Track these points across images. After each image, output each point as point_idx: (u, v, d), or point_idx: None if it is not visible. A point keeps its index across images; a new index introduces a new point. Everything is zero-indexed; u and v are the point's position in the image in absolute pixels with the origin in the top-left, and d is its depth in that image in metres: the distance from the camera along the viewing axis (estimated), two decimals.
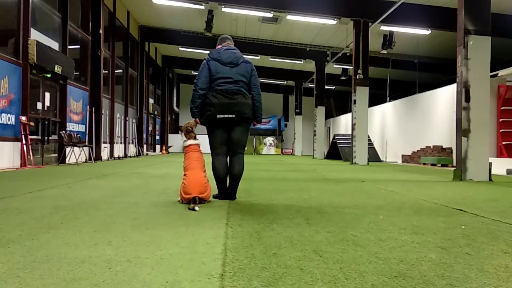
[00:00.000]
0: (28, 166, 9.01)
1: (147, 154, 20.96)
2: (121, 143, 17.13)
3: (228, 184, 4.07)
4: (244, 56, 4.14)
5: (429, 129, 15.97)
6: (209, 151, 4.04)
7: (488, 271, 1.83)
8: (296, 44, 19.54)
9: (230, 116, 3.86)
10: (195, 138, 4.09)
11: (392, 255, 2.08)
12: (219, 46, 4.16)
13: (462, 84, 7.28)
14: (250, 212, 3.36)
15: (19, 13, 9.14)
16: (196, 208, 3.39)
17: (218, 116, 3.86)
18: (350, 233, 2.58)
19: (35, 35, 9.69)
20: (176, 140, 28.13)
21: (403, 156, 17.74)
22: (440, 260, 2.00)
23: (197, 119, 4.04)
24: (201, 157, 3.98)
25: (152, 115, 23.38)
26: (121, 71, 17.41)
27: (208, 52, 4.00)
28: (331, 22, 14.30)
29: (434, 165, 14.10)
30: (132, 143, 18.98)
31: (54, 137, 11.08)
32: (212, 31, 15.85)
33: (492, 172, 7.51)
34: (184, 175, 3.81)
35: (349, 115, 23.48)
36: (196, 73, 4.04)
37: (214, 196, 4.09)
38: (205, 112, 3.91)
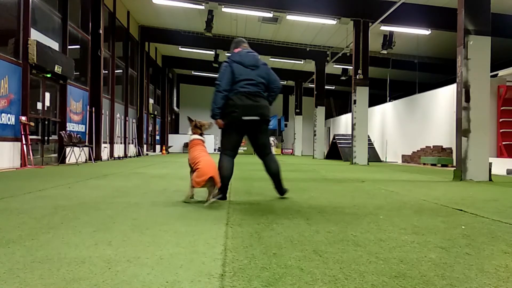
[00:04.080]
0: (28, 166, 9.01)
1: (147, 154, 20.96)
2: (121, 143, 17.13)
3: (273, 184, 4.20)
4: None
5: (429, 129, 15.97)
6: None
7: (488, 271, 1.83)
8: (296, 44, 19.54)
9: (255, 118, 3.93)
10: (200, 135, 4.06)
11: (392, 255, 2.08)
12: (238, 49, 4.21)
13: (462, 84, 7.27)
14: (250, 212, 3.36)
15: (19, 13, 9.14)
16: (213, 199, 3.51)
17: (243, 117, 3.90)
18: (350, 233, 2.58)
19: (35, 35, 9.69)
20: (176, 140, 28.12)
21: (403, 156, 17.74)
22: (440, 260, 2.00)
23: (219, 121, 3.98)
24: (205, 150, 3.94)
25: (152, 115, 23.37)
26: (121, 71, 17.41)
27: (209, 52, 4.02)
28: (331, 22, 14.30)
29: (434, 165, 14.09)
30: (132, 143, 18.98)
31: (54, 137, 11.08)
32: (212, 31, 15.85)
33: (492, 172, 7.50)
34: (197, 163, 3.69)
35: (349, 115, 23.49)
36: (197, 74, 4.09)
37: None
38: (230, 113, 3.93)
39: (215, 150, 29.18)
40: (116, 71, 16.14)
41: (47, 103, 10.68)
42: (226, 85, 3.92)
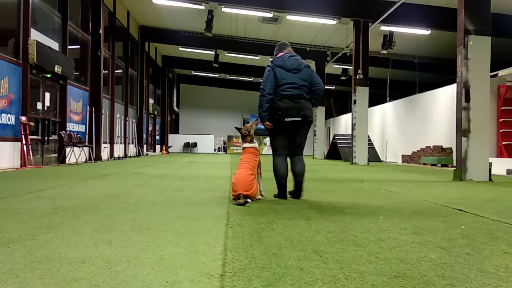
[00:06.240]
0: (28, 166, 9.01)
1: (147, 154, 20.96)
2: (121, 143, 17.13)
3: (293, 184, 4.25)
4: (244, 56, 4.22)
5: (429, 129, 15.97)
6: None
7: (488, 271, 1.83)
8: (296, 44, 19.51)
9: (297, 119, 4.09)
10: (251, 141, 4.28)
11: (392, 255, 2.08)
12: (281, 53, 4.33)
13: (462, 84, 7.27)
14: (250, 212, 3.37)
15: (19, 13, 9.13)
16: (248, 200, 3.77)
17: (286, 119, 4.08)
18: (350, 233, 2.58)
19: (35, 35, 9.68)
20: (176, 140, 28.09)
21: (403, 156, 17.73)
22: (440, 260, 2.00)
23: (267, 123, 4.20)
24: (252, 159, 4.12)
25: (152, 115, 23.37)
26: (121, 71, 17.40)
27: (209, 52, 4.05)
28: (331, 22, 14.29)
29: (434, 165, 14.09)
30: (132, 143, 18.98)
31: (54, 137, 11.08)
32: (212, 31, 15.85)
33: (492, 172, 7.50)
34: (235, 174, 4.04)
35: (349, 115, 23.48)
36: (197, 74, 4.13)
37: (274, 196, 4.29)
38: (273, 116, 4.14)
39: (215, 150, 29.19)
40: (116, 71, 16.13)
41: (47, 103, 10.67)
42: (269, 89, 4.11)
